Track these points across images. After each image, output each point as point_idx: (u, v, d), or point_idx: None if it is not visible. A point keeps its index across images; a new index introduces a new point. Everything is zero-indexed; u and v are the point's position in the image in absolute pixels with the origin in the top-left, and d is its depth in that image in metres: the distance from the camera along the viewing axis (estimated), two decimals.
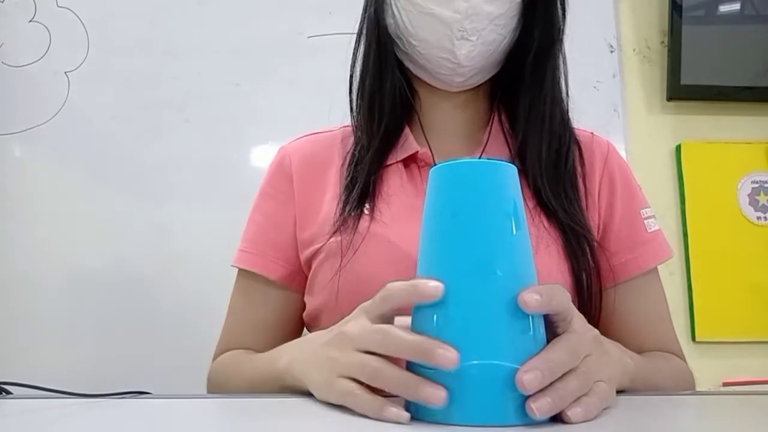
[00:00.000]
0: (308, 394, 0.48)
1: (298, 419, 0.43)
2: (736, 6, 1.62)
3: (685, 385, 0.67)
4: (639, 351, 0.66)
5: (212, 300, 0.76)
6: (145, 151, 1.44)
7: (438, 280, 0.39)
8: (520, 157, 0.68)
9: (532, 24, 0.67)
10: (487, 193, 0.40)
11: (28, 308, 1.36)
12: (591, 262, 0.65)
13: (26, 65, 1.45)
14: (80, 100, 1.44)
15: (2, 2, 1.46)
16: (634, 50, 1.67)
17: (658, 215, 1.67)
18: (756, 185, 1.60)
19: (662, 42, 1.66)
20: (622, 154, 1.56)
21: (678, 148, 1.62)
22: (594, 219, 0.69)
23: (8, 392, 0.52)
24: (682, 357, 0.71)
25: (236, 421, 0.45)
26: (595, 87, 1.60)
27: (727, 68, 1.60)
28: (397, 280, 0.43)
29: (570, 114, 0.72)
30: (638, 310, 0.70)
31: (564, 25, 0.69)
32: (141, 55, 1.47)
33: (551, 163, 0.67)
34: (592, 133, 0.76)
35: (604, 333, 0.45)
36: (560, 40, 0.69)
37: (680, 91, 1.60)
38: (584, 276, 0.65)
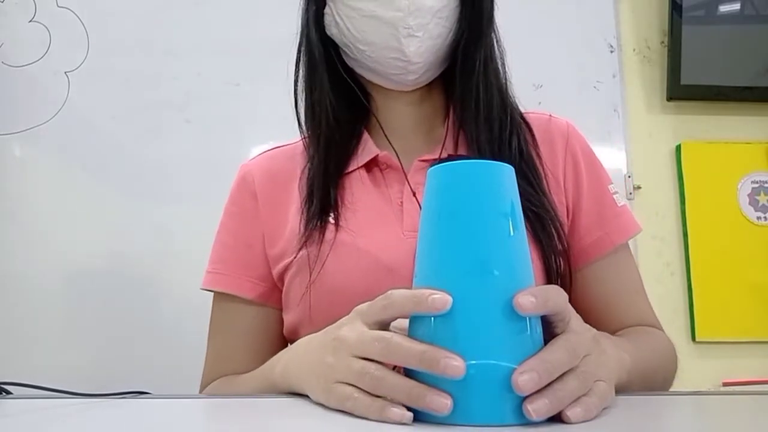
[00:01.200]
0: (308, 395, 0.48)
1: (298, 419, 0.43)
2: (736, 6, 1.62)
3: (670, 358, 0.67)
4: (620, 327, 0.66)
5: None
6: (145, 151, 1.44)
7: (441, 289, 0.39)
8: (477, 149, 0.68)
9: (462, 13, 0.67)
10: (484, 193, 0.40)
11: (28, 308, 1.36)
12: (558, 245, 0.65)
13: (26, 65, 1.45)
14: (80, 100, 1.45)
15: (2, 2, 1.46)
16: (634, 50, 1.67)
17: (659, 215, 1.68)
18: (756, 185, 1.60)
19: (662, 42, 1.66)
20: (622, 154, 1.58)
21: (678, 148, 1.62)
22: (561, 201, 0.69)
23: (8, 392, 0.52)
24: (659, 327, 0.71)
25: (236, 421, 0.45)
26: (595, 87, 1.60)
27: (727, 68, 1.61)
28: (370, 295, 0.42)
29: (514, 98, 0.71)
30: (614, 286, 0.70)
31: (492, 10, 0.69)
32: (141, 55, 1.47)
33: (494, 148, 0.67)
34: (549, 115, 0.75)
35: (581, 313, 0.45)
36: (490, 27, 0.69)
37: (680, 91, 1.60)
38: (553, 257, 0.64)
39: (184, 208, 1.41)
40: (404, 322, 0.42)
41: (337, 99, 0.69)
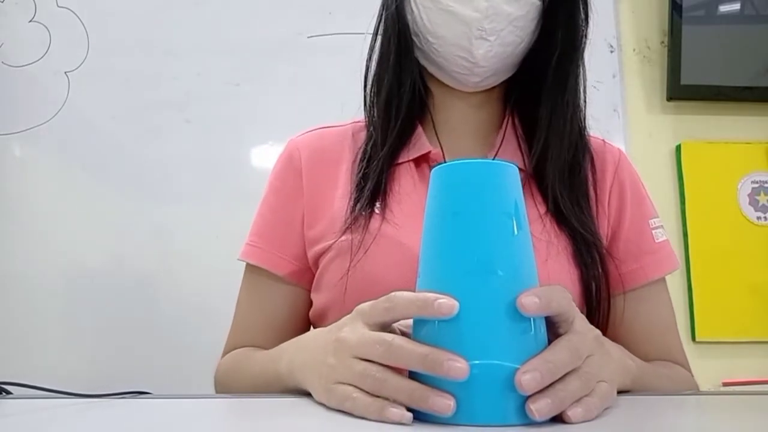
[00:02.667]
0: (309, 394, 0.48)
1: (298, 419, 0.43)
2: (736, 6, 1.62)
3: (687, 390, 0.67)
4: (644, 360, 0.65)
5: (212, 300, 0.76)
6: (145, 151, 1.44)
7: (445, 292, 0.39)
8: (537, 163, 0.67)
9: (552, 28, 0.66)
10: (488, 193, 0.40)
11: (28, 308, 1.36)
12: (600, 270, 0.65)
13: (26, 65, 1.45)
14: (80, 100, 1.44)
15: (2, 2, 1.46)
16: (634, 50, 1.66)
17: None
18: (756, 185, 1.60)
19: (662, 42, 1.66)
20: None
21: (678, 148, 1.62)
22: (603, 227, 0.69)
23: (8, 392, 0.52)
24: (687, 367, 0.71)
25: (236, 421, 0.45)
26: (595, 87, 1.59)
27: (727, 68, 1.60)
28: (405, 289, 0.42)
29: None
30: (644, 318, 0.70)
31: (587, 30, 0.69)
32: (141, 55, 1.47)
33: (568, 170, 0.67)
34: (603, 140, 0.76)
35: (609, 339, 0.45)
36: (582, 48, 0.69)
37: (680, 91, 1.60)
38: (593, 283, 0.65)
39: (184, 208, 1.41)
40: (408, 322, 0.42)
41: (411, 87, 0.69)
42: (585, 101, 0.70)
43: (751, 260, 1.55)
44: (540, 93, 0.68)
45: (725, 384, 1.49)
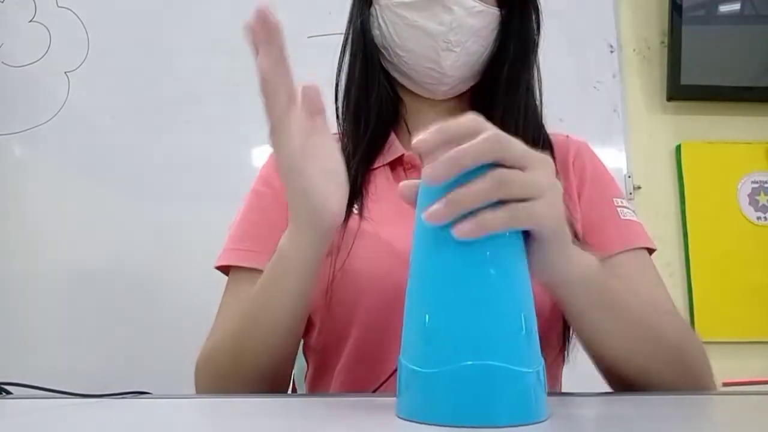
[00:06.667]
0: (308, 395, 0.48)
1: (298, 419, 0.43)
2: (736, 6, 1.62)
3: (669, 322, 0.63)
4: None
5: (212, 300, 0.76)
6: (145, 151, 1.44)
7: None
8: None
9: (508, 37, 0.70)
10: None
11: (28, 308, 1.36)
12: None
13: (26, 65, 1.45)
14: (80, 100, 1.45)
15: (2, 2, 1.46)
16: (634, 50, 1.67)
17: (659, 215, 1.67)
18: (756, 185, 1.60)
19: (662, 42, 1.66)
20: (622, 154, 1.58)
21: (678, 148, 1.62)
22: (575, 215, 0.70)
23: (8, 392, 0.52)
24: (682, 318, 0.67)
25: (235, 421, 0.45)
26: (595, 87, 1.60)
27: (727, 68, 1.61)
28: (386, 281, 0.42)
29: (545, 119, 0.74)
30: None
31: (539, 39, 0.72)
32: (141, 55, 1.48)
33: None
34: (567, 135, 0.78)
35: None
36: (535, 53, 0.72)
37: (680, 91, 1.60)
38: None
39: (184, 208, 1.41)
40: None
41: (377, 99, 0.72)
42: (541, 101, 0.73)
43: (751, 260, 1.55)
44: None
45: (725, 384, 1.49)
